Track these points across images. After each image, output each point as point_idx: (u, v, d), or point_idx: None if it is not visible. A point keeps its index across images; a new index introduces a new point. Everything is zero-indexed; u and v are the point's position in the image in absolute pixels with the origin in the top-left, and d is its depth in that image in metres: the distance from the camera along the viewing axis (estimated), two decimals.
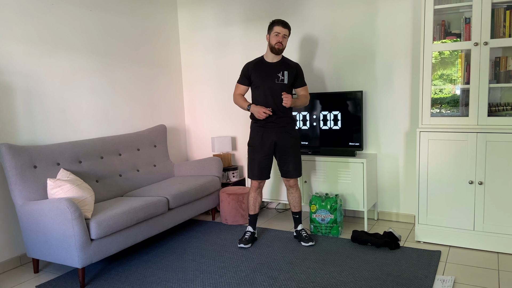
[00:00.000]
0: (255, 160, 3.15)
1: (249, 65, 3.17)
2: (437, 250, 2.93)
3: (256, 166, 3.15)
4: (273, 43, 3.05)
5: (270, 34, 3.07)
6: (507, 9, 2.80)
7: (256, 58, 3.22)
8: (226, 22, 4.27)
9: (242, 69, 3.20)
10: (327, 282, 2.53)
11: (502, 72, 2.91)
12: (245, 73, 3.17)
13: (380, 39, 3.53)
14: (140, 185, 3.62)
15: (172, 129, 4.53)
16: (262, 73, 3.11)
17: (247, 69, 3.17)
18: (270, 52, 3.10)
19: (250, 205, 3.27)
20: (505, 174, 2.78)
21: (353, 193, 3.45)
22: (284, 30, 3.04)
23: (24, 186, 2.79)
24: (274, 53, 3.09)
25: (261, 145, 3.12)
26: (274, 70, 3.11)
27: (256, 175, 3.17)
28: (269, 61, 3.14)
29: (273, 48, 3.06)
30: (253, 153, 3.15)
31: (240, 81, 3.21)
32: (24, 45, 3.06)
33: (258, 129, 3.14)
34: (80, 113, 3.50)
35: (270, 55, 3.13)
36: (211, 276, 2.69)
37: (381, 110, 3.60)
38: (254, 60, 3.20)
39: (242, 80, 3.20)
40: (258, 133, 3.14)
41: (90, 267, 2.95)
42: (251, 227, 3.28)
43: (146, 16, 4.15)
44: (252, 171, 3.18)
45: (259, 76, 3.11)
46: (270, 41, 3.07)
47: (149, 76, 4.21)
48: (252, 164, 3.17)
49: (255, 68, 3.14)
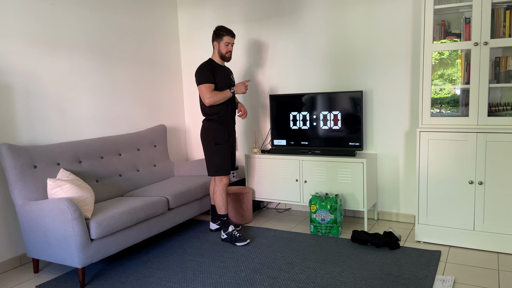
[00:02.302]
0: (225, 156, 3.28)
1: (212, 67, 3.24)
2: (437, 250, 2.93)
3: (227, 161, 3.28)
4: (223, 52, 3.27)
5: (220, 43, 3.27)
6: (507, 9, 2.80)
7: (210, 61, 3.28)
8: (226, 22, 4.27)
9: (206, 71, 3.19)
10: (327, 282, 2.53)
11: (502, 72, 2.91)
12: (210, 73, 3.21)
13: (380, 39, 3.53)
14: (140, 185, 3.62)
15: (172, 129, 4.53)
16: (223, 75, 3.30)
17: (212, 70, 3.22)
18: (219, 60, 3.31)
19: (224, 203, 3.31)
20: (505, 174, 2.78)
21: (353, 193, 3.45)
22: (233, 40, 3.30)
23: (24, 186, 2.79)
24: (224, 61, 3.33)
25: (228, 141, 3.30)
26: (228, 73, 3.36)
27: (228, 170, 3.30)
28: (221, 65, 3.34)
29: (224, 57, 3.29)
30: (222, 149, 3.27)
31: (210, 81, 3.20)
32: (24, 45, 3.06)
33: (221, 126, 3.27)
34: (80, 113, 3.50)
35: (217, 59, 3.32)
36: (211, 276, 2.69)
37: (381, 110, 3.60)
38: (210, 63, 3.27)
39: (209, 78, 3.20)
40: (221, 131, 3.28)
41: (90, 267, 2.95)
42: (232, 226, 3.35)
43: (146, 16, 4.15)
44: (225, 167, 3.28)
45: (222, 79, 3.28)
46: (221, 50, 3.28)
47: (149, 76, 4.21)
48: (223, 160, 3.27)
49: (217, 71, 3.26)
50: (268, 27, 4.05)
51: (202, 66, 3.22)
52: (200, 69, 3.20)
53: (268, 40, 4.07)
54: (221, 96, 3.20)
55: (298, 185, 3.69)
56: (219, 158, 3.26)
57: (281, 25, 3.98)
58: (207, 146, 3.28)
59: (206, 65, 3.23)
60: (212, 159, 3.27)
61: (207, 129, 3.28)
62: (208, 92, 3.17)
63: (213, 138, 3.25)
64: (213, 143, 3.25)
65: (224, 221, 3.30)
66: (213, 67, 3.23)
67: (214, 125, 3.26)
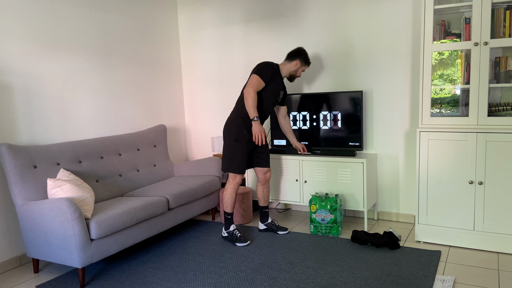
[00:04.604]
0: (243, 154, 3.21)
1: (274, 72, 3.21)
2: (437, 250, 2.93)
3: (243, 160, 3.22)
4: (296, 74, 3.36)
5: (301, 66, 3.33)
6: (507, 9, 2.80)
7: (277, 67, 3.28)
8: (226, 22, 4.27)
9: (269, 70, 3.17)
10: (327, 282, 2.53)
11: (502, 72, 2.91)
12: (271, 75, 3.17)
13: (380, 39, 3.53)
14: (140, 185, 3.62)
15: (172, 129, 4.53)
16: (275, 87, 3.26)
17: (273, 74, 3.19)
18: (287, 74, 3.34)
19: (232, 202, 3.28)
20: (505, 174, 2.78)
21: (353, 193, 3.45)
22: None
23: (24, 186, 2.79)
24: (288, 79, 3.41)
25: (248, 141, 3.22)
26: (280, 87, 3.33)
27: (243, 169, 3.24)
28: (282, 76, 3.34)
29: (292, 77, 3.37)
30: (241, 147, 3.20)
31: (264, 78, 3.15)
32: (24, 45, 3.06)
33: (245, 125, 3.22)
34: (80, 113, 3.50)
35: (284, 73, 3.33)
36: (211, 276, 2.69)
37: (381, 110, 3.60)
38: (277, 68, 3.26)
39: (266, 77, 3.16)
40: (244, 129, 3.21)
41: (90, 267, 2.95)
42: (234, 225, 3.33)
43: (146, 16, 4.15)
44: (239, 165, 3.21)
45: (273, 89, 3.25)
46: (296, 72, 3.34)
47: (149, 76, 4.21)
48: (239, 158, 3.21)
49: (276, 79, 3.24)
50: (268, 27, 4.05)
51: (269, 64, 3.20)
52: (266, 65, 3.19)
53: (268, 40, 4.07)
54: (253, 105, 3.09)
55: (298, 185, 3.69)
56: (233, 155, 3.21)
57: (281, 25, 3.98)
58: (226, 140, 3.24)
59: (273, 66, 3.22)
60: (228, 154, 3.23)
61: (231, 122, 3.23)
62: (255, 85, 3.11)
63: (234, 133, 3.20)
64: (233, 139, 3.20)
65: (227, 219, 3.29)
66: (275, 73, 3.23)
67: (239, 121, 3.21)
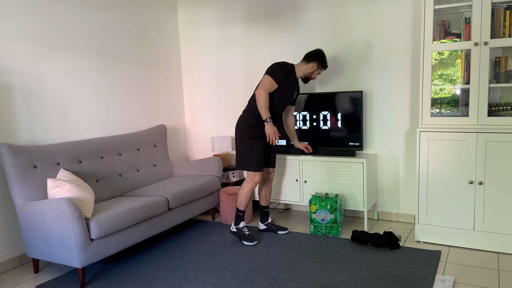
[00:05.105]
0: (260, 151, 3.17)
1: (289, 73, 3.14)
2: (437, 250, 2.93)
3: (261, 158, 3.18)
4: (312, 77, 3.28)
5: (317, 68, 3.24)
6: (507, 9, 2.80)
7: (292, 67, 3.18)
8: (226, 22, 4.27)
9: (283, 71, 3.10)
10: (327, 282, 2.53)
11: (502, 72, 2.91)
12: (284, 77, 3.11)
13: (380, 39, 3.53)
14: (140, 185, 3.62)
15: (172, 129, 4.53)
16: (289, 87, 3.19)
17: (287, 75, 3.13)
18: (302, 76, 3.27)
19: (247, 201, 3.27)
20: (505, 174, 2.78)
21: (353, 193, 3.45)
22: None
23: (24, 186, 2.79)
24: (303, 81, 3.35)
25: (261, 138, 3.19)
26: (295, 88, 3.27)
27: (262, 167, 3.20)
28: (297, 77, 3.26)
29: (307, 79, 3.31)
30: (258, 145, 3.16)
31: (277, 80, 3.09)
32: (24, 45, 3.06)
33: (258, 125, 3.18)
34: (80, 113, 3.50)
35: (299, 74, 3.25)
36: (211, 276, 2.69)
37: (381, 110, 3.60)
38: (292, 69, 3.18)
39: (280, 79, 3.10)
40: (259, 128, 3.18)
41: (90, 267, 2.95)
42: (244, 223, 3.32)
43: (146, 16, 4.15)
44: (258, 162, 3.16)
45: (287, 89, 3.19)
46: (312, 74, 3.26)
47: (149, 76, 4.21)
48: (258, 155, 3.16)
49: (290, 80, 3.17)
50: (268, 28, 4.05)
51: (283, 65, 3.13)
52: (280, 66, 3.11)
53: (268, 40, 4.07)
54: (265, 107, 3.05)
55: (298, 185, 3.69)
56: (253, 153, 3.15)
57: (281, 25, 3.98)
58: (242, 138, 3.17)
59: (287, 67, 3.14)
60: (245, 153, 3.17)
61: (244, 121, 3.18)
62: (267, 87, 3.06)
63: (249, 132, 3.16)
64: (248, 137, 3.15)
65: (238, 216, 3.29)
66: (290, 74, 3.14)
67: (252, 121, 3.17)
